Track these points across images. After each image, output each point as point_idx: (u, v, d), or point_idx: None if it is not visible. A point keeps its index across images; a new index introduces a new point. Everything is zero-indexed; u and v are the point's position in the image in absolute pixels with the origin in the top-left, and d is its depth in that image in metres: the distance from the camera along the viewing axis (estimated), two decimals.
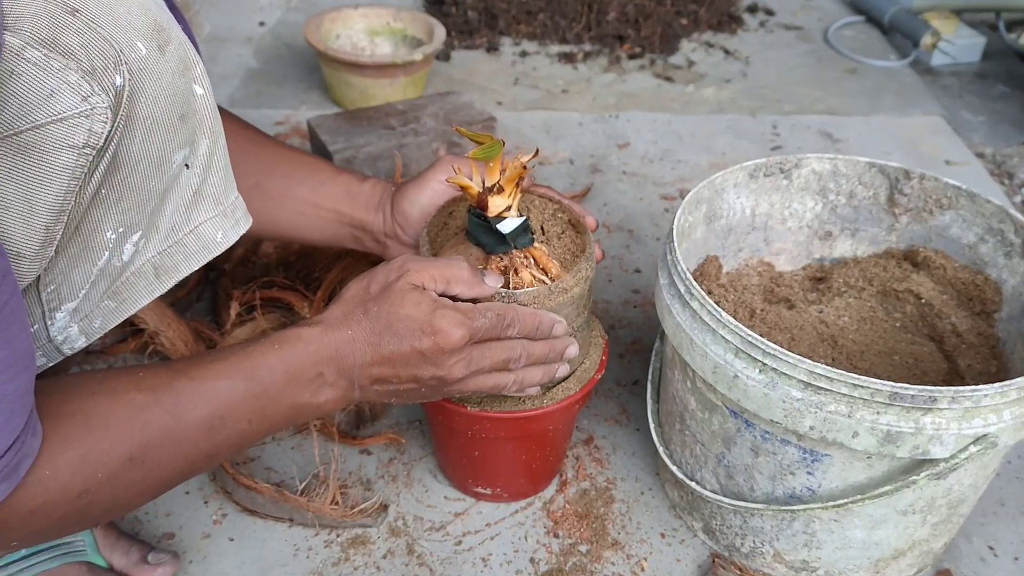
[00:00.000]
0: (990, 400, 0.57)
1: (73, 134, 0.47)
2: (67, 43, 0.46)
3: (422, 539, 0.74)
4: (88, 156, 0.48)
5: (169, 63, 0.51)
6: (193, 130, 0.54)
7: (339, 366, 0.56)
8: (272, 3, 1.75)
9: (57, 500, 0.47)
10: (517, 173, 0.63)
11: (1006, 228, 0.75)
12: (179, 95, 0.52)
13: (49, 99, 0.46)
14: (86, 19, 0.47)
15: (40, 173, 0.47)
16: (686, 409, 0.70)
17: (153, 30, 0.50)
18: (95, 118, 0.47)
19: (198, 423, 0.52)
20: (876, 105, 1.49)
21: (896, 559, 0.68)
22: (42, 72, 0.45)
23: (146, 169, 0.52)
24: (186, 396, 0.52)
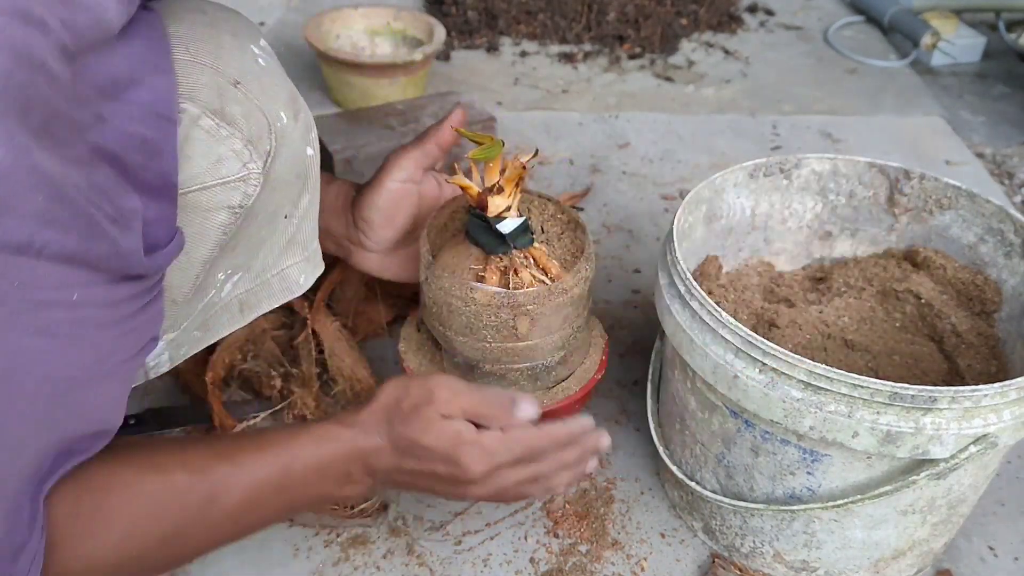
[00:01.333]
0: (990, 400, 0.57)
1: (232, 196, 0.51)
2: (232, 113, 0.51)
3: (422, 539, 0.74)
4: (239, 215, 0.53)
5: (300, 129, 0.56)
6: (302, 187, 0.59)
7: (365, 467, 0.58)
8: (272, 3, 1.75)
9: (88, 571, 0.48)
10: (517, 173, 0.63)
11: (1006, 228, 0.75)
12: (300, 157, 0.57)
13: (217, 164, 0.50)
14: (245, 91, 0.51)
15: (201, 230, 0.51)
16: (686, 409, 0.70)
17: (290, 100, 0.56)
18: (250, 182, 0.52)
19: (231, 509, 0.53)
20: (876, 105, 1.49)
21: (896, 559, 0.68)
22: (213, 139, 0.50)
23: (262, 221, 0.57)
24: (225, 483, 0.53)
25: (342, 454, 0.56)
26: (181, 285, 0.53)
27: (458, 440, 0.56)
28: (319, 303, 0.89)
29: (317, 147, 0.60)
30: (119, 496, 0.49)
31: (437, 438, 0.56)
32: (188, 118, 0.49)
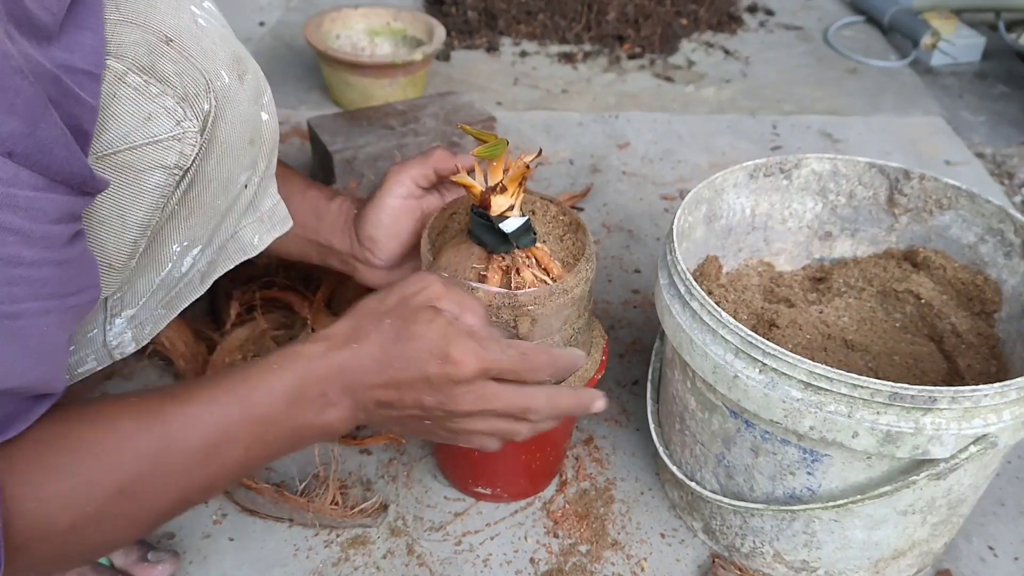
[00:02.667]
0: (990, 400, 0.57)
1: (166, 155, 0.49)
2: (164, 70, 0.49)
3: (422, 539, 0.74)
4: (176, 176, 0.51)
5: (246, 91, 0.54)
6: (257, 154, 0.57)
7: (343, 384, 0.53)
8: (272, 3, 1.75)
9: (44, 535, 0.45)
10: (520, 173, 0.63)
11: (1006, 228, 0.75)
12: (250, 121, 0.55)
13: (147, 122, 0.48)
14: (179, 48, 0.50)
15: (134, 191, 0.49)
16: (686, 409, 0.70)
17: (234, 60, 0.54)
18: (186, 141, 0.50)
19: (191, 452, 0.49)
20: (876, 105, 1.49)
21: (896, 559, 0.68)
22: (142, 96, 0.48)
23: (215, 189, 0.55)
24: (178, 423, 0.49)
25: (312, 371, 0.52)
26: (118, 249, 0.51)
27: (450, 330, 0.53)
28: (319, 303, 0.89)
29: (273, 112, 0.58)
30: (66, 451, 0.46)
31: (428, 324, 0.53)
32: (112, 75, 0.47)
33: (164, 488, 0.50)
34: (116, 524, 0.49)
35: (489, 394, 0.54)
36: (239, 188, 0.57)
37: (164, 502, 0.51)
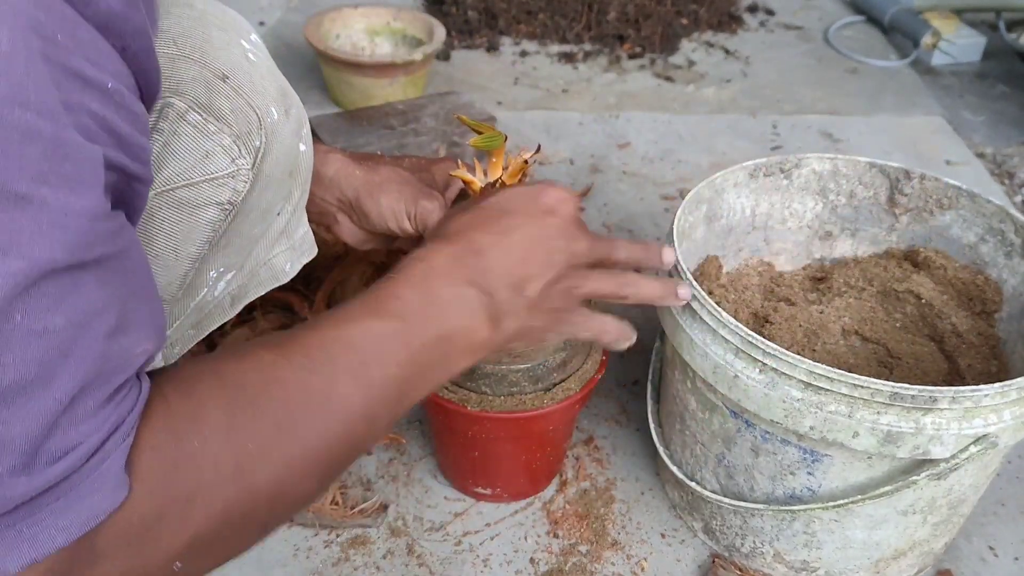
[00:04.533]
0: (990, 400, 0.56)
1: (221, 192, 0.50)
2: (221, 108, 0.50)
3: (422, 539, 0.74)
4: (228, 212, 0.51)
5: (291, 125, 0.55)
6: (293, 184, 0.58)
7: (471, 275, 0.49)
8: (272, 3, 1.75)
9: (214, 481, 0.39)
10: (519, 168, 0.63)
11: (1006, 228, 0.74)
12: (291, 153, 0.56)
13: (205, 160, 0.49)
14: (234, 86, 0.50)
15: (189, 226, 0.50)
16: (686, 409, 0.70)
17: (281, 95, 0.54)
18: (239, 178, 0.51)
19: (339, 375, 0.44)
20: (876, 105, 1.49)
21: (896, 559, 0.68)
22: (201, 134, 0.49)
23: (254, 219, 0.56)
24: (316, 348, 0.44)
25: (435, 269, 0.49)
26: (169, 283, 0.52)
27: (531, 189, 0.53)
28: (319, 303, 0.89)
29: (310, 142, 0.60)
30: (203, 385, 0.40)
31: (516, 192, 0.53)
32: (175, 112, 0.48)
33: (324, 420, 0.44)
34: (287, 469, 0.42)
35: (596, 248, 0.55)
36: (274, 217, 0.58)
37: (329, 438, 0.44)
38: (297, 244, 0.62)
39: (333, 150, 0.71)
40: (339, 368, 0.44)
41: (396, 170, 0.70)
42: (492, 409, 0.68)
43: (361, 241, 0.73)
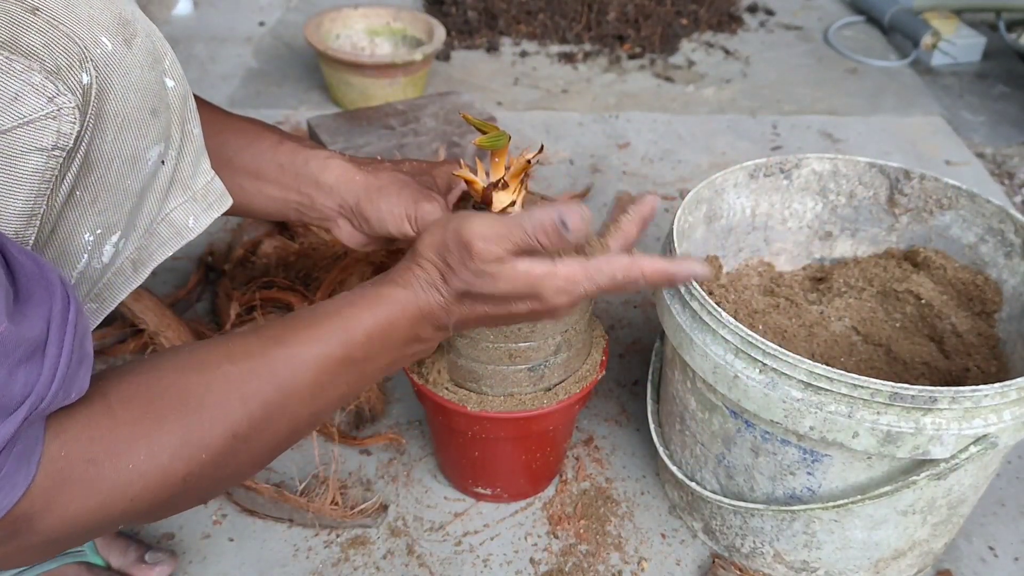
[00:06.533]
0: (990, 400, 0.56)
1: (41, 137, 0.45)
2: (29, 43, 0.45)
3: (422, 539, 0.74)
4: (58, 158, 0.46)
5: (137, 57, 0.49)
6: (167, 124, 0.53)
7: (434, 325, 0.55)
8: (272, 3, 1.75)
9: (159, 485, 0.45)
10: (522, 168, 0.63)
11: (1006, 228, 0.74)
12: (150, 89, 0.50)
13: (13, 103, 0.44)
14: (47, 17, 0.45)
15: (8, 178, 0.45)
16: (686, 409, 0.70)
17: (118, 24, 0.49)
18: (63, 119, 0.45)
19: (299, 392, 0.50)
20: (876, 105, 1.49)
21: (896, 559, 0.68)
22: (4, 75, 0.44)
23: (120, 168, 0.51)
24: (283, 366, 0.50)
25: (406, 318, 0.54)
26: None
27: (531, 279, 0.53)
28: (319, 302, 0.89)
29: (181, 76, 0.54)
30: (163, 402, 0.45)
31: (510, 284, 0.53)
32: None
33: (276, 428, 0.50)
34: (231, 467, 0.49)
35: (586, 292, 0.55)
36: (152, 164, 0.53)
37: (277, 439, 0.51)
38: (199, 195, 0.57)
39: (333, 155, 0.70)
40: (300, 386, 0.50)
41: (396, 174, 0.69)
42: (492, 409, 0.68)
43: (361, 244, 0.73)
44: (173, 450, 0.45)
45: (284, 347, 0.50)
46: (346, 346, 0.52)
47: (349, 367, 0.52)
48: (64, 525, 0.43)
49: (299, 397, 0.50)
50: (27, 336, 0.40)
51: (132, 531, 0.73)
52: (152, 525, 0.74)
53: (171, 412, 0.46)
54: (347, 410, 0.84)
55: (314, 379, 0.51)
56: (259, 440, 0.49)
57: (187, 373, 0.47)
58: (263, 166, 0.70)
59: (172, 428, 0.45)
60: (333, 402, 0.53)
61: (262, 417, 0.49)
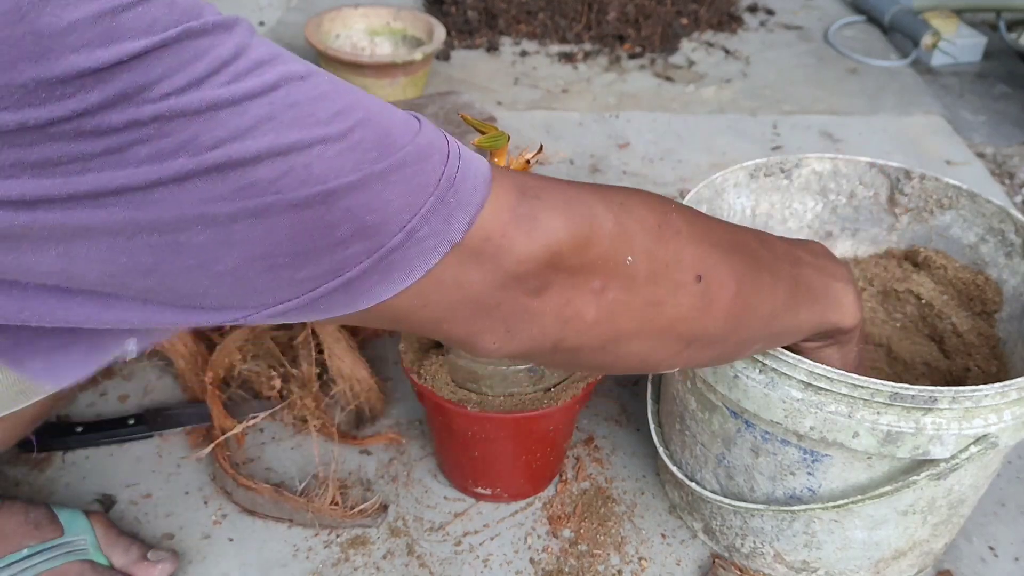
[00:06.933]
0: (991, 400, 0.56)
1: None
2: None
3: (422, 539, 0.74)
4: None
5: None
6: None
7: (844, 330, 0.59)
8: (272, 3, 1.75)
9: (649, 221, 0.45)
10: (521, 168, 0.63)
11: (1007, 228, 0.74)
12: None
13: None
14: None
15: None
16: (686, 409, 0.70)
17: None
18: None
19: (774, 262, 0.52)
20: (876, 105, 1.49)
21: (897, 559, 0.68)
22: None
23: None
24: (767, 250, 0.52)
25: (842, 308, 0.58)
26: None
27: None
28: None
29: None
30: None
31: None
32: None
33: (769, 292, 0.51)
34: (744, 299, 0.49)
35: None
36: None
37: (769, 307, 0.52)
38: None
39: None
40: (772, 259, 0.51)
41: None
42: (492, 409, 0.68)
43: None
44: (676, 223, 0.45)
45: (774, 254, 0.52)
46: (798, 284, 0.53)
47: (790, 304, 0.53)
48: (568, 212, 0.40)
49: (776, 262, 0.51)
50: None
51: (133, 531, 0.73)
52: (152, 524, 0.74)
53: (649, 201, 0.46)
54: (346, 410, 0.84)
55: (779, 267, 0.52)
56: (760, 293, 0.50)
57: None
58: None
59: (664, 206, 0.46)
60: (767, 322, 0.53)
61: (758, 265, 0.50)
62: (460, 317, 0.39)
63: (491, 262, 0.38)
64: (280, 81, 0.32)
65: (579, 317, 0.42)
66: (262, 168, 0.31)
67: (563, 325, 0.42)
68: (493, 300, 0.39)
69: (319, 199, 0.33)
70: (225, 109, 0.31)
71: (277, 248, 0.33)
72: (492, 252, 0.38)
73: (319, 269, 0.34)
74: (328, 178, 0.33)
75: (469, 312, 0.39)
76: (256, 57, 0.32)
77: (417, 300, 0.37)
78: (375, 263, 0.35)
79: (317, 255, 0.34)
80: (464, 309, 0.39)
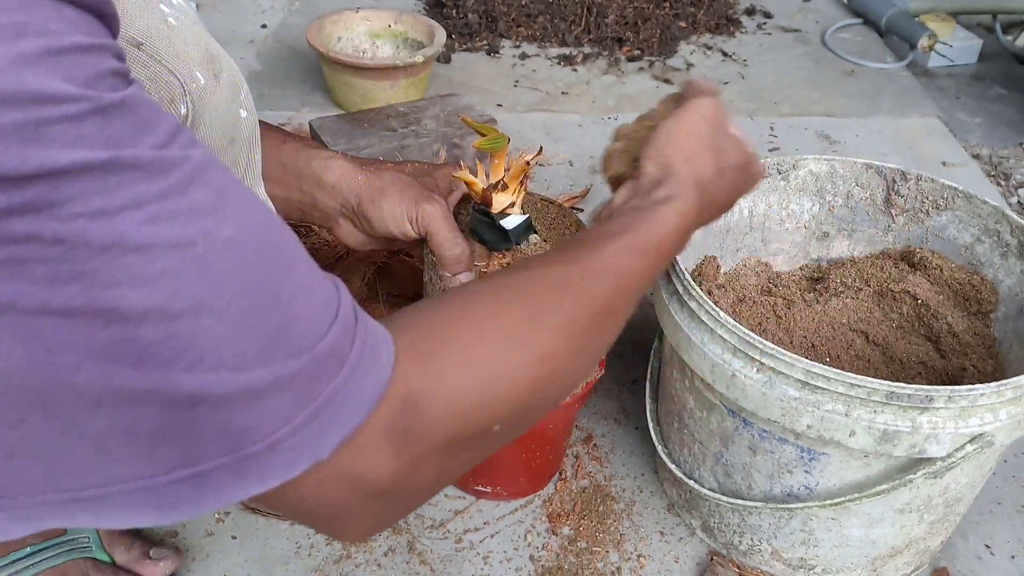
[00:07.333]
0: (986, 399, 0.57)
1: None
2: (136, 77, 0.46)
3: (423, 537, 0.75)
4: None
5: (223, 90, 0.52)
6: (238, 152, 0.55)
7: (698, 224, 0.57)
8: (274, 6, 1.76)
9: (520, 360, 0.42)
10: (521, 170, 0.63)
11: (1002, 229, 0.75)
12: (229, 120, 0.53)
13: None
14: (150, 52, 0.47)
15: None
16: (684, 408, 0.70)
17: (208, 59, 0.51)
18: None
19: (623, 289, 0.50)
20: (873, 107, 1.50)
21: (893, 557, 0.69)
22: None
23: None
24: (600, 268, 0.49)
25: (684, 228, 0.55)
26: None
27: (742, 147, 0.60)
28: None
29: (251, 107, 0.57)
30: (500, 290, 0.44)
31: (734, 153, 0.59)
32: None
33: (611, 322, 0.50)
34: (580, 360, 0.47)
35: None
36: None
37: (610, 336, 0.51)
38: None
39: (335, 155, 0.71)
40: (606, 293, 0.49)
41: (398, 175, 0.70)
42: None
43: (363, 244, 0.73)
44: (523, 328, 0.43)
45: (594, 254, 0.49)
46: (639, 257, 0.52)
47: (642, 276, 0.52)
48: (451, 408, 0.39)
49: (621, 296, 0.50)
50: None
51: (136, 528, 0.74)
52: None
53: (509, 302, 0.44)
54: None
55: (625, 283, 0.50)
56: (595, 335, 0.48)
57: (506, 278, 0.47)
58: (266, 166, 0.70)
59: (517, 313, 0.44)
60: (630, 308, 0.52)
61: (597, 312, 0.48)
62: (316, 518, 0.38)
63: (352, 481, 0.36)
64: (199, 237, 0.31)
65: (445, 481, 0.43)
66: (145, 327, 0.29)
67: (427, 496, 0.42)
68: (354, 507, 0.37)
69: (188, 400, 0.31)
70: (132, 252, 0.29)
71: (134, 426, 0.31)
72: (357, 473, 0.36)
73: (173, 454, 0.32)
74: (206, 357, 0.31)
75: (326, 513, 0.37)
76: (187, 203, 0.31)
77: (272, 499, 0.35)
78: (232, 463, 0.32)
79: (174, 441, 0.31)
80: (321, 511, 0.37)
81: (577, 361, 0.47)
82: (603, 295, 0.48)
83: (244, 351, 0.32)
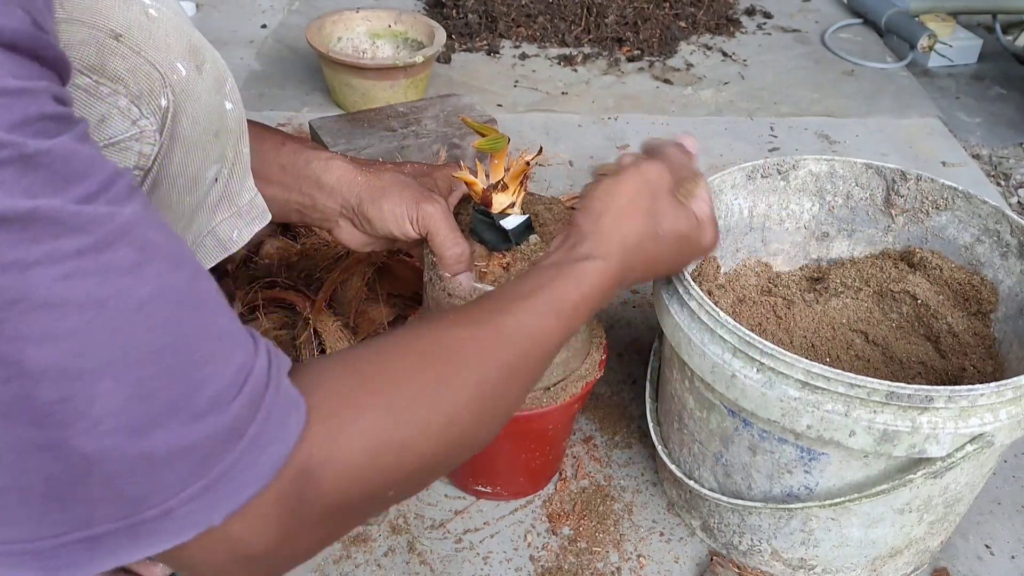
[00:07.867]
0: (986, 400, 0.57)
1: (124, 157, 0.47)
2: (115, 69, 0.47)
3: (423, 537, 0.75)
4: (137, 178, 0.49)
5: (206, 82, 0.52)
6: (225, 145, 0.55)
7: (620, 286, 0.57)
8: (274, 6, 1.76)
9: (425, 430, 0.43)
10: (521, 170, 0.63)
11: (1002, 229, 0.75)
12: (214, 112, 0.53)
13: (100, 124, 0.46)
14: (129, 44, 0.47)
15: None
16: (684, 408, 0.71)
17: (190, 51, 0.51)
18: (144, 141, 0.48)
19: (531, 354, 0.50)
20: (873, 107, 1.50)
21: (893, 557, 0.69)
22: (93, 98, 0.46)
23: (182, 186, 0.53)
24: (513, 330, 0.49)
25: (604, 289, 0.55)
26: None
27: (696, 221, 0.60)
28: (320, 303, 0.89)
29: (238, 100, 0.56)
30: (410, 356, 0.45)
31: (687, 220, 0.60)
32: None
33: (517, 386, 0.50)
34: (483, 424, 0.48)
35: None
36: (208, 184, 0.55)
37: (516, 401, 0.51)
38: (243, 211, 0.59)
39: (335, 156, 0.71)
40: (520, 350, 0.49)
41: (398, 175, 0.70)
42: None
43: (363, 244, 0.73)
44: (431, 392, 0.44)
45: (508, 315, 0.50)
46: (555, 316, 0.52)
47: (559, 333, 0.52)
48: (347, 476, 0.39)
49: (532, 359, 0.50)
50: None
51: None
52: None
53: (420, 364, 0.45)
54: None
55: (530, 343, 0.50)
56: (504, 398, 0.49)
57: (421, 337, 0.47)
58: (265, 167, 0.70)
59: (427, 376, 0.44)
60: (542, 368, 0.53)
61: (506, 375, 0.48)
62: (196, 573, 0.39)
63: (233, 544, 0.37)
64: (111, 298, 0.30)
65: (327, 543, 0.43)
66: (45, 385, 0.29)
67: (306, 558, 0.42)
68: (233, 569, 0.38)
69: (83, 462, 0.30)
70: (41, 308, 0.28)
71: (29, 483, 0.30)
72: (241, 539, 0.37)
73: (66, 516, 0.32)
74: (104, 420, 0.30)
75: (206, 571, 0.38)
76: (105, 261, 0.30)
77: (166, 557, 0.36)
78: (126, 528, 0.33)
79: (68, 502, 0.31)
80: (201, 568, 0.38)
81: (483, 424, 0.48)
82: (514, 358, 0.49)
83: (144, 415, 0.32)
